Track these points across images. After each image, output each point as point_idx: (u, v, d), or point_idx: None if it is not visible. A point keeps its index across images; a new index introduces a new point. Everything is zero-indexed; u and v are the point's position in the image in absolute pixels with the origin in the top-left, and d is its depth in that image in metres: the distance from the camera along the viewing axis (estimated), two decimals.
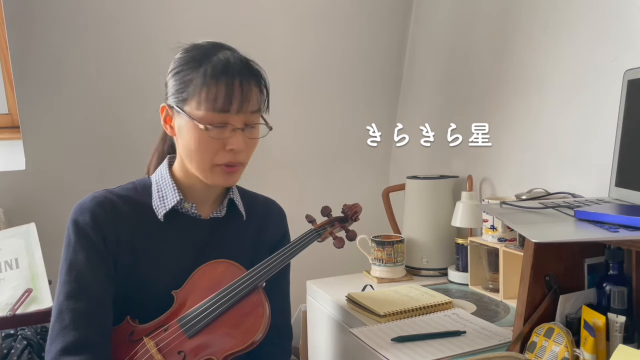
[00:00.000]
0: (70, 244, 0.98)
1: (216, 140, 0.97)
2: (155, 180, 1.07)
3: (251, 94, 0.97)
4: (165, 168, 1.07)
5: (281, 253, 1.08)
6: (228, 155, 0.98)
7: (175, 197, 1.03)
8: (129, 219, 1.01)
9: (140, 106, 1.72)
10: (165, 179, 1.05)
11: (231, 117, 0.96)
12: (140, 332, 0.99)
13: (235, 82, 0.95)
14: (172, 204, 1.03)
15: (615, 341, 0.91)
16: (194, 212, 1.06)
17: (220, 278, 1.03)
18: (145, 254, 1.01)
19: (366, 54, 2.01)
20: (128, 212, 1.02)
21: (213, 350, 0.97)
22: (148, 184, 1.07)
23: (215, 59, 0.96)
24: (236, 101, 0.95)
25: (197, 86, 0.95)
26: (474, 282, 1.50)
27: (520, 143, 1.51)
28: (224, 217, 1.09)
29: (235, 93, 0.95)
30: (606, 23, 1.25)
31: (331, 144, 2.03)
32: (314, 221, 1.20)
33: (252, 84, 0.98)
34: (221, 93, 0.94)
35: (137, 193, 1.05)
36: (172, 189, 1.03)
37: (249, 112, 0.98)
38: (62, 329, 0.92)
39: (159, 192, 1.05)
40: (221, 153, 0.98)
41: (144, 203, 1.04)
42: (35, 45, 1.57)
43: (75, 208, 1.00)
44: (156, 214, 1.03)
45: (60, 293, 0.95)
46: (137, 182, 1.09)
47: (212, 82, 0.94)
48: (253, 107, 0.98)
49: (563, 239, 0.92)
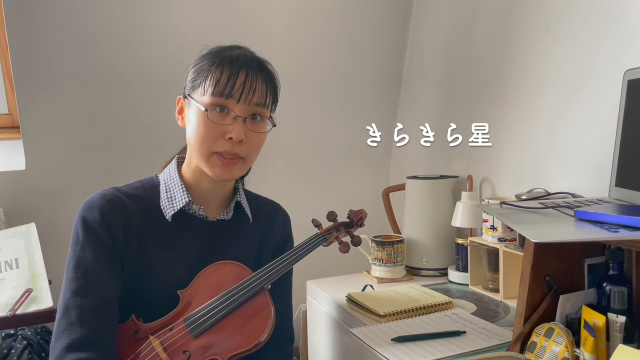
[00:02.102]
0: (78, 240, 0.98)
1: (217, 125, 0.98)
2: (164, 179, 1.07)
3: (256, 85, 0.99)
4: (174, 168, 1.07)
5: (288, 256, 1.09)
6: (227, 144, 0.98)
7: (184, 198, 1.03)
8: (137, 218, 1.01)
9: (141, 106, 1.73)
10: (174, 179, 1.05)
11: (233, 103, 0.98)
12: (145, 331, 0.99)
13: (240, 71, 0.98)
14: (181, 205, 1.03)
15: (615, 341, 0.91)
16: (201, 213, 1.06)
17: (226, 279, 1.03)
18: (152, 253, 1.02)
19: (366, 54, 2.01)
20: (136, 211, 1.02)
21: (218, 350, 0.97)
22: (156, 183, 1.08)
23: (229, 52, 1.01)
24: (238, 88, 0.97)
25: (205, 73, 0.99)
26: (474, 282, 1.50)
27: (520, 143, 1.51)
28: (231, 219, 1.10)
29: (239, 80, 0.98)
30: (606, 23, 1.25)
31: (331, 144, 2.03)
32: (319, 225, 1.21)
33: (259, 77, 1.00)
34: (225, 78, 0.97)
35: (145, 192, 1.06)
36: (180, 190, 1.04)
37: (253, 104, 0.99)
38: (68, 326, 0.92)
39: (167, 192, 1.05)
40: (220, 141, 0.98)
41: (152, 202, 1.04)
42: (35, 45, 1.57)
43: (84, 205, 1.00)
44: (164, 214, 1.03)
45: (67, 290, 0.95)
46: (144, 180, 1.09)
47: (218, 69, 0.98)
48: (257, 99, 0.99)
49: (563, 239, 0.91)
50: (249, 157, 1.02)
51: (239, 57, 1.00)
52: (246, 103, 0.98)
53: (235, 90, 0.97)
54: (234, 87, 0.97)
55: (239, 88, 0.97)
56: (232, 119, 0.98)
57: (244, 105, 0.98)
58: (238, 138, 0.98)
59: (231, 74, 0.97)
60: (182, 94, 1.05)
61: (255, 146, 1.03)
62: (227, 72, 0.97)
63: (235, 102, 0.98)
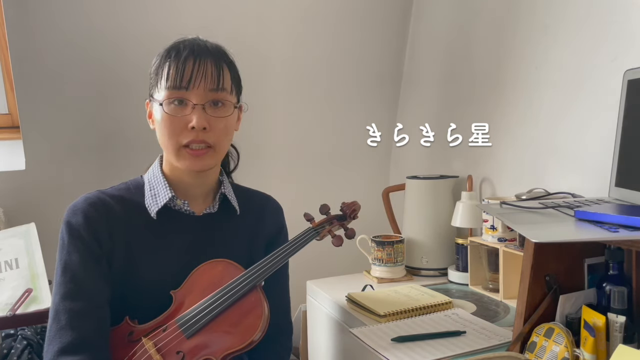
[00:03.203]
0: (64, 245, 0.98)
1: (177, 118, 0.98)
2: (148, 179, 1.07)
3: (206, 70, 0.98)
4: (157, 166, 1.07)
5: (279, 252, 1.08)
6: (191, 134, 0.98)
7: (167, 194, 1.03)
8: (122, 219, 1.01)
9: (141, 106, 1.72)
10: (157, 177, 1.05)
11: (187, 93, 0.98)
12: (139, 333, 0.98)
13: (188, 60, 0.97)
14: (164, 201, 1.03)
15: (615, 341, 0.91)
16: (186, 209, 1.06)
17: (219, 277, 1.03)
18: (140, 254, 1.01)
19: (366, 54, 2.01)
20: (121, 212, 1.02)
21: (212, 350, 0.97)
22: (141, 184, 1.07)
23: (176, 45, 1.01)
24: (189, 77, 0.97)
25: (157, 70, 1.00)
26: (474, 282, 1.50)
27: (520, 143, 1.51)
28: (218, 212, 1.09)
29: (187, 69, 0.97)
30: (606, 23, 1.25)
31: (331, 144, 2.03)
32: (312, 219, 1.20)
33: (208, 61, 0.99)
34: (173, 71, 0.98)
35: (130, 193, 1.05)
36: (163, 187, 1.04)
37: (208, 90, 0.98)
38: (59, 330, 0.92)
39: (151, 190, 1.05)
40: (184, 132, 0.98)
41: (137, 202, 1.04)
42: (35, 45, 1.57)
43: (68, 210, 1.00)
44: (149, 212, 1.03)
45: (56, 294, 0.96)
46: (130, 182, 1.09)
47: (166, 63, 0.99)
48: (211, 84, 0.99)
49: (563, 239, 0.91)
50: (218, 145, 1.02)
51: (185, 47, 0.99)
52: (200, 89, 0.98)
53: (184, 80, 0.97)
54: (182, 76, 0.97)
55: (187, 76, 0.97)
56: (190, 109, 0.98)
57: (198, 92, 0.98)
58: (200, 125, 0.97)
59: (178, 64, 0.97)
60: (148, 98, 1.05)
61: (222, 132, 1.01)
62: (175, 64, 0.97)
63: (189, 91, 0.97)
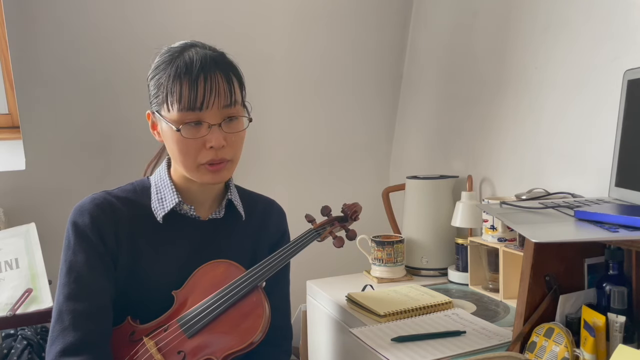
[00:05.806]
0: (70, 245, 0.98)
1: (195, 140, 0.96)
2: (154, 181, 1.07)
3: (219, 88, 0.95)
4: (164, 170, 1.07)
5: (280, 253, 1.08)
6: (210, 153, 0.97)
7: (174, 199, 1.03)
8: (128, 221, 1.01)
9: (141, 106, 1.72)
10: (164, 181, 1.05)
11: (202, 114, 0.95)
12: (140, 332, 0.99)
13: (199, 79, 0.94)
14: (171, 206, 1.03)
15: (615, 341, 0.91)
16: (192, 214, 1.06)
17: (221, 278, 1.03)
18: (144, 255, 1.01)
19: (366, 54, 2.01)
20: (127, 214, 1.02)
21: (212, 350, 0.97)
22: (147, 186, 1.07)
23: (180, 59, 0.96)
24: (202, 97, 0.94)
25: (165, 89, 0.96)
26: (474, 282, 1.50)
27: (520, 143, 1.51)
28: (223, 217, 1.09)
29: (199, 89, 0.94)
30: (606, 23, 1.25)
31: (331, 144, 2.03)
32: (313, 221, 1.20)
33: (219, 77, 0.96)
34: (185, 92, 0.94)
35: (136, 194, 1.05)
36: (170, 191, 1.04)
37: (222, 107, 0.96)
38: (62, 330, 0.92)
39: (158, 193, 1.05)
40: (203, 152, 0.97)
41: (143, 204, 1.04)
42: (35, 45, 1.57)
43: (74, 210, 1.00)
44: (155, 215, 1.03)
45: (60, 294, 0.96)
46: (136, 183, 1.09)
47: (177, 82, 0.95)
48: (224, 101, 0.96)
49: (563, 239, 0.91)
50: (235, 157, 1.02)
51: (191, 61, 0.95)
52: (214, 108, 0.96)
53: (199, 101, 0.94)
54: (197, 97, 0.94)
55: (201, 97, 0.94)
56: (207, 129, 0.96)
57: (213, 112, 0.95)
58: (219, 145, 0.96)
59: (191, 84, 0.94)
60: (150, 110, 1.03)
61: (238, 145, 1.01)
62: (187, 84, 0.94)
63: (203, 111, 0.95)
